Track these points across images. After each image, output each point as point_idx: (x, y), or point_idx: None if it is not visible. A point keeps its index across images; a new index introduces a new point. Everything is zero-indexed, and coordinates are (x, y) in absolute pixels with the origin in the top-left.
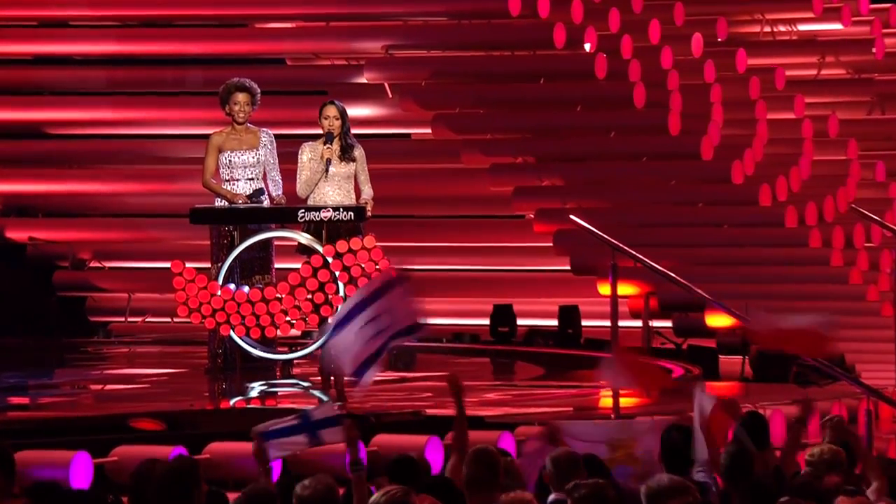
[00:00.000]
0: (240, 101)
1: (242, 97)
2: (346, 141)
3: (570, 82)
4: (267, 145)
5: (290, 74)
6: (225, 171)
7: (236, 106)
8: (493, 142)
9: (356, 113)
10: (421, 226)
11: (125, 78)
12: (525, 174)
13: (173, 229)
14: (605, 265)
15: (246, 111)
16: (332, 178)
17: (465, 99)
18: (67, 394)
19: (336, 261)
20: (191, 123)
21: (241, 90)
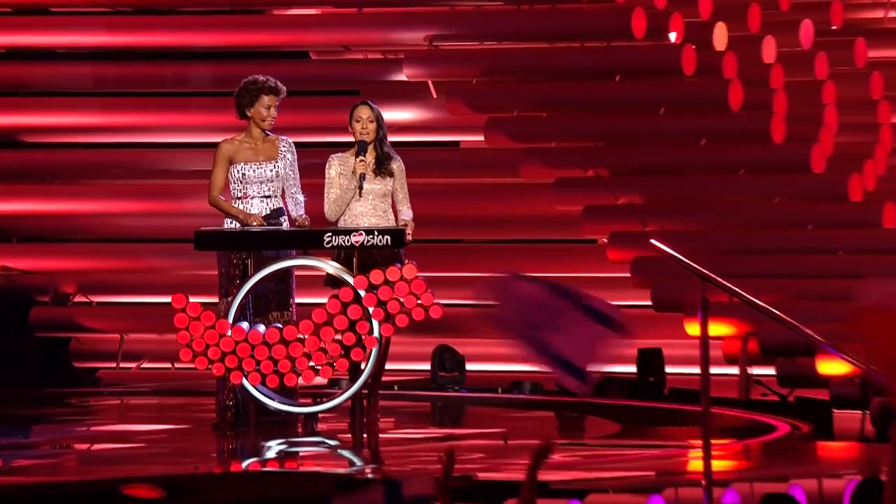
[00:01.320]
0: (269, 105)
1: (271, 100)
2: (381, 151)
3: (651, 80)
4: (287, 156)
5: (314, 71)
6: (237, 187)
7: (265, 110)
8: (558, 151)
9: (394, 117)
10: (471, 252)
11: (117, 75)
12: (597, 190)
13: (174, 257)
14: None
15: (274, 117)
16: (366, 196)
17: (524, 100)
18: (47, 455)
19: (370, 294)
20: (196, 130)
21: (271, 92)
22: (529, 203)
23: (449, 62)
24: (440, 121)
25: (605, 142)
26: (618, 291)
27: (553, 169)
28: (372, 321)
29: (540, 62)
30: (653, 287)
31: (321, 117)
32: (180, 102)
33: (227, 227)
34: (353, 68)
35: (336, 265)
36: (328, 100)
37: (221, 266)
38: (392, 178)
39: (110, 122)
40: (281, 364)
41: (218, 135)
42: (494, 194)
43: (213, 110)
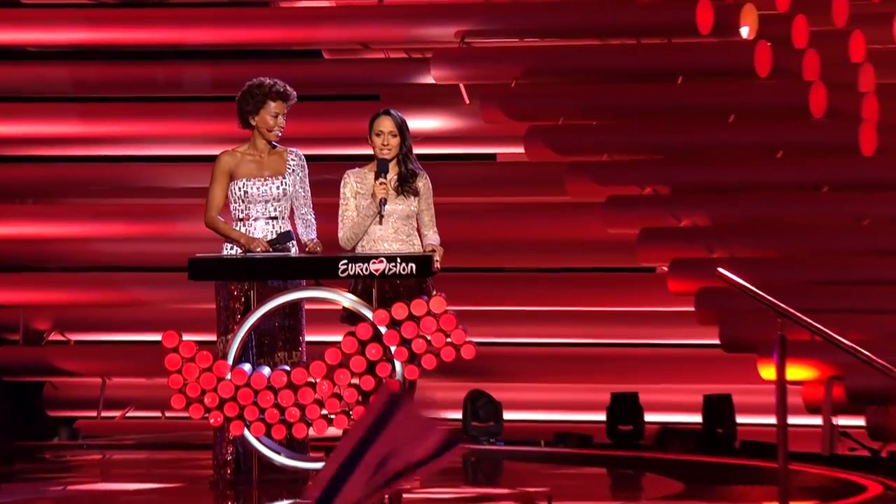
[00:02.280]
0: (276, 112)
1: (280, 107)
2: (406, 167)
3: (719, 82)
4: (297, 171)
5: (327, 72)
6: (238, 207)
7: (272, 119)
8: (610, 165)
9: (419, 125)
10: (508, 282)
11: (99, 77)
12: (656, 210)
13: (165, 288)
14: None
15: (282, 126)
16: (387, 218)
17: (571, 106)
18: None
19: (392, 331)
20: (191, 140)
21: (279, 97)
22: (576, 225)
23: (483, 62)
24: (473, 130)
25: (665, 154)
26: (680, 328)
27: (604, 186)
28: (394, 363)
29: (589, 62)
30: (721, 323)
31: (336, 126)
32: (173, 109)
33: (226, 253)
34: (372, 69)
35: (353, 298)
36: (344, 105)
37: (220, 299)
38: (417, 197)
39: (91, 132)
40: (289, 412)
41: (216, 146)
42: (536, 215)
43: (212, 118)
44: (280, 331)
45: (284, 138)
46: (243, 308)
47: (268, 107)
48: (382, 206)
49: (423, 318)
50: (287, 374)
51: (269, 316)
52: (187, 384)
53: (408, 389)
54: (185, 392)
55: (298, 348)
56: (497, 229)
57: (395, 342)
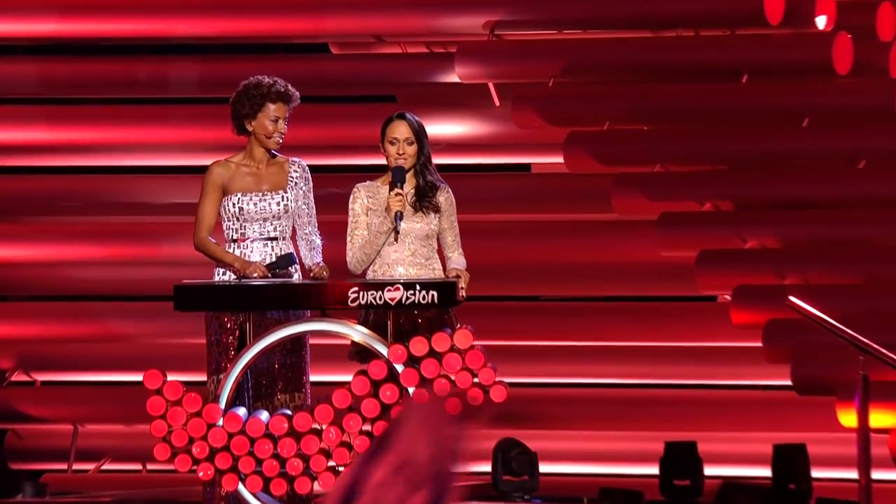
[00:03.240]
0: (276, 116)
1: (280, 109)
2: (424, 179)
3: (791, 81)
4: (299, 184)
5: (335, 69)
6: (232, 226)
7: (271, 124)
8: (663, 178)
9: (441, 131)
10: (545, 314)
11: (71, 76)
12: (717, 229)
13: (147, 320)
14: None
15: (283, 132)
16: (403, 239)
17: (618, 108)
18: None
19: (410, 370)
20: (177, 149)
21: (280, 98)
22: (624, 247)
23: (516, 57)
24: (504, 137)
25: (728, 164)
26: (745, 366)
27: (656, 201)
28: None
29: (639, 57)
30: (793, 361)
31: (344, 132)
32: (156, 112)
33: (218, 279)
34: (387, 66)
35: (364, 331)
36: (354, 108)
37: (211, 332)
38: (438, 214)
39: (61, 139)
40: (290, 464)
41: (207, 156)
42: (576, 236)
43: (201, 123)
44: (280, 370)
45: (285, 147)
46: (238, 343)
47: (266, 110)
48: (398, 220)
49: (445, 355)
50: (288, 420)
51: (268, 352)
52: (172, 431)
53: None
54: (169, 441)
55: (302, 390)
56: (532, 251)
57: (413, 383)
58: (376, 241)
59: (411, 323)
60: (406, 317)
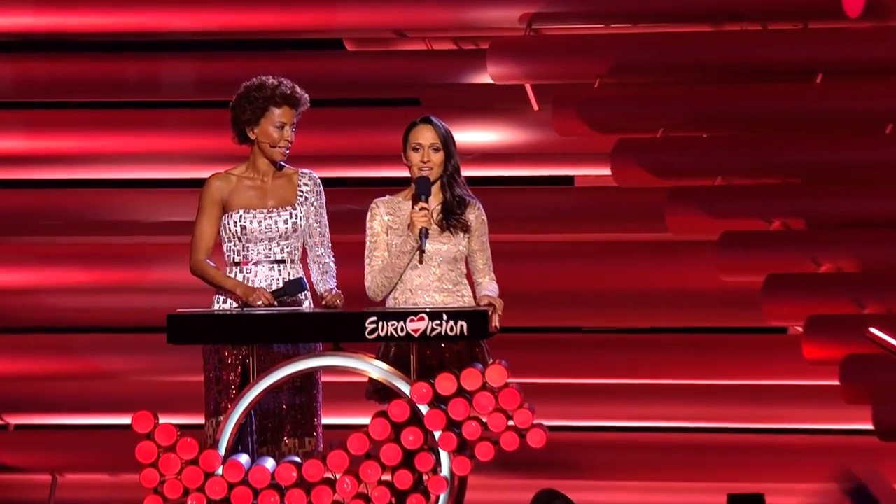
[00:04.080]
0: (282, 122)
1: (286, 114)
2: (452, 193)
3: (872, 82)
4: (310, 199)
5: (351, 69)
6: (234, 247)
7: (276, 131)
8: (726, 192)
9: (471, 139)
10: (590, 347)
11: (50, 77)
12: (787, 251)
13: (136, 354)
14: None
15: (290, 141)
16: (428, 262)
17: (673, 112)
18: None
19: (436, 411)
20: (171, 159)
21: (286, 102)
22: (680, 271)
23: (557, 55)
24: (543, 145)
25: (800, 176)
26: (819, 408)
27: (718, 218)
28: (439, 453)
29: (698, 55)
30: (874, 402)
31: (361, 139)
32: (147, 118)
33: (217, 307)
34: (409, 65)
35: (384, 367)
36: (372, 113)
37: (209, 368)
38: (467, 233)
39: (39, 148)
40: None
41: (205, 167)
42: (626, 258)
43: (198, 130)
44: (288, 411)
45: (294, 157)
46: (240, 381)
47: (271, 115)
48: (423, 238)
49: (476, 394)
50: (297, 468)
51: (275, 391)
52: (165, 482)
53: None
54: (162, 492)
55: (312, 434)
56: (575, 276)
57: (439, 426)
58: (398, 264)
59: (437, 358)
60: (431, 351)
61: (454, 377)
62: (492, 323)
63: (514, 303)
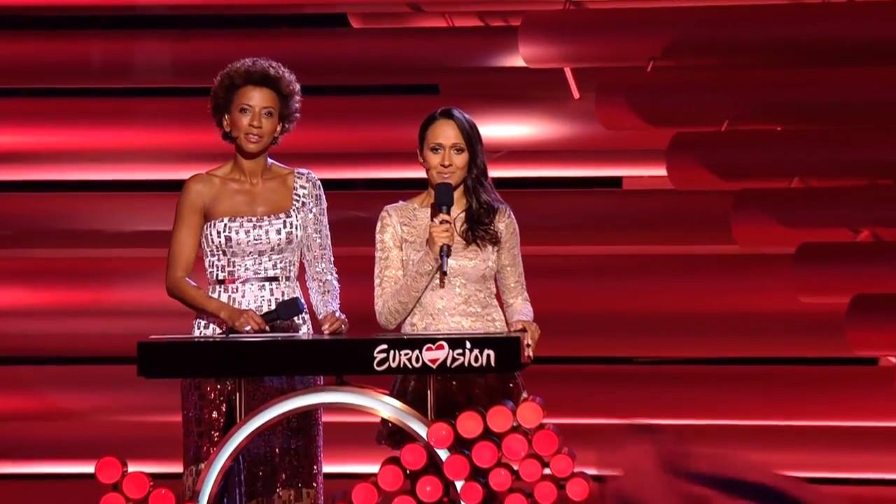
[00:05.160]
0: (253, 106)
1: (259, 97)
2: (478, 199)
3: None
4: (308, 205)
5: (356, 50)
6: (217, 262)
7: (245, 116)
8: (803, 195)
9: (501, 134)
10: (642, 381)
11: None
12: (876, 267)
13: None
14: None
15: (265, 129)
16: (451, 281)
17: (741, 101)
18: None
19: (457, 457)
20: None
21: (251, 81)
22: (748, 290)
23: (601, 33)
24: (585, 140)
25: (892, 178)
26: None
27: (793, 227)
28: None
29: (771, 32)
30: None
31: (369, 134)
32: (114, 108)
33: (198, 333)
34: (426, 45)
35: (396, 404)
36: (381, 103)
37: (189, 406)
38: (497, 246)
39: None
40: None
41: (184, 167)
42: (684, 275)
43: (176, 122)
44: (283, 457)
45: (289, 154)
46: (225, 421)
47: (237, 97)
48: (444, 257)
49: (506, 437)
50: None
51: (266, 434)
52: None
53: None
54: None
55: (311, 484)
56: (623, 296)
57: (462, 474)
58: (415, 287)
59: (465, 393)
60: (458, 384)
61: (479, 416)
62: (525, 352)
63: (551, 328)
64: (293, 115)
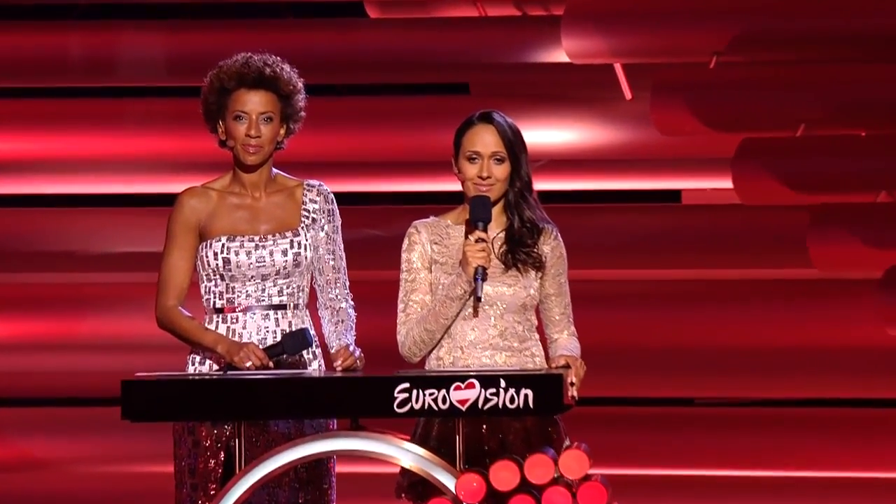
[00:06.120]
0: (248, 113)
1: (256, 101)
2: (521, 216)
3: None
4: (319, 221)
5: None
6: (215, 288)
7: (241, 124)
8: (893, 211)
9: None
10: (706, 425)
11: None
12: None
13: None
14: None
15: (265, 137)
16: (488, 309)
17: (819, 101)
18: None
19: None
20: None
21: (252, 84)
22: (829, 321)
23: (657, 24)
24: (639, 147)
25: None
26: None
27: (880, 248)
28: None
29: (853, 23)
30: None
31: (392, 140)
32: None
33: (193, 370)
34: (455, 38)
35: (420, 452)
36: (405, 104)
37: (182, 455)
38: (540, 271)
39: None
40: None
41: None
42: (754, 303)
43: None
44: None
45: (297, 164)
46: (223, 471)
47: (232, 101)
48: (480, 281)
49: (547, 490)
50: None
51: (271, 486)
52: None
53: None
54: None
55: None
56: (683, 328)
57: None
58: (444, 314)
59: (497, 438)
60: (490, 428)
61: (516, 466)
62: (568, 392)
63: (598, 364)
64: (298, 113)
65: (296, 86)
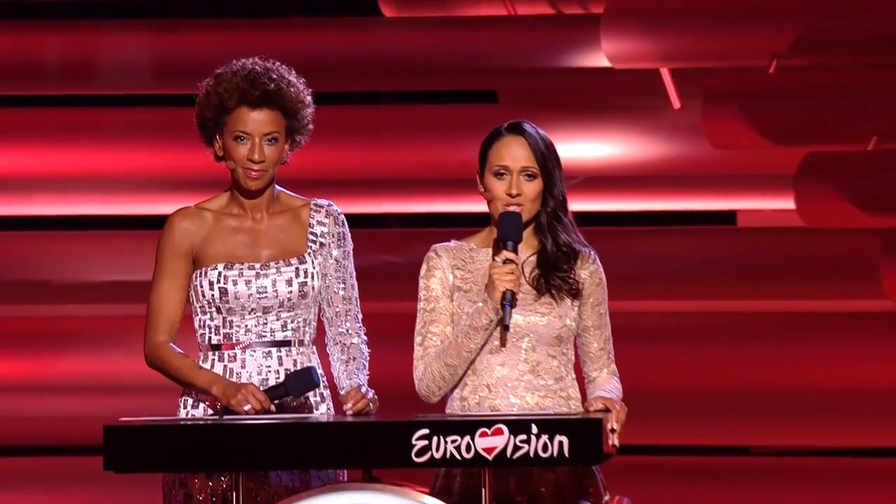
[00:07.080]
0: (251, 134)
1: (259, 121)
2: (555, 239)
3: None
4: (328, 247)
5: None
6: (210, 322)
7: (242, 146)
8: None
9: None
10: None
11: None
12: None
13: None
14: None
15: (270, 160)
16: (517, 342)
17: (890, 112)
18: None
19: None
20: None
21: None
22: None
23: (708, 24)
24: (689, 163)
25: None
26: None
27: None
28: None
29: None
30: None
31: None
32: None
33: (185, 413)
34: (480, 40)
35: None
36: (425, 113)
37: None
38: (577, 300)
39: None
40: None
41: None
42: (819, 339)
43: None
44: None
45: (302, 182)
46: None
47: (230, 119)
48: (508, 307)
49: None
50: None
51: None
52: None
53: None
54: None
55: None
56: (738, 365)
57: None
58: (467, 346)
59: (526, 491)
60: (518, 480)
61: None
62: (608, 439)
63: (642, 407)
64: (305, 127)
65: (303, 99)
